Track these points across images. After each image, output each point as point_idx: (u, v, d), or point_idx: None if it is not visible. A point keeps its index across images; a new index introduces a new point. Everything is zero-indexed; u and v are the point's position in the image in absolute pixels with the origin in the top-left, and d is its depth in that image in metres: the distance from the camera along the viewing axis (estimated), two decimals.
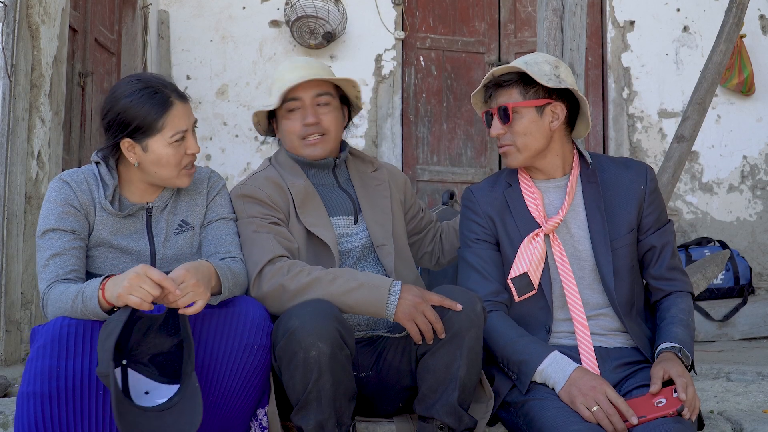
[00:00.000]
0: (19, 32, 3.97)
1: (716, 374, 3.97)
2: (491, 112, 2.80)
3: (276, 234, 2.75)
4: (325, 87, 2.90)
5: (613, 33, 6.80)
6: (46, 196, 2.57)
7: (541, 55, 2.83)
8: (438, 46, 7.01)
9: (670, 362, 2.55)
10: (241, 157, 6.71)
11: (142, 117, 2.53)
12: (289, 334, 2.41)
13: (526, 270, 2.73)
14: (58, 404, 2.27)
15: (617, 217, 2.80)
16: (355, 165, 3.05)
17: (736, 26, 4.32)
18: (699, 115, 4.27)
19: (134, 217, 2.63)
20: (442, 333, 2.51)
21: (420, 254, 3.24)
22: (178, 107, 2.58)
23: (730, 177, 6.71)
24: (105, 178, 2.60)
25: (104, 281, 2.31)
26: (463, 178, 6.89)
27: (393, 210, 3.00)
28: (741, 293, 5.72)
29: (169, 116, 2.55)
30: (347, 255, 2.86)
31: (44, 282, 2.45)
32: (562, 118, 2.78)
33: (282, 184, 2.85)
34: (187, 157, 2.61)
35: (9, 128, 3.89)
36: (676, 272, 2.83)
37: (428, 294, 2.54)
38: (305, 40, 6.60)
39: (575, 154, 2.88)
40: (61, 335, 2.32)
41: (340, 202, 2.92)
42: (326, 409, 2.43)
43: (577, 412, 2.46)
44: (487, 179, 3.00)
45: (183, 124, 2.58)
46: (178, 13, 6.79)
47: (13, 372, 3.75)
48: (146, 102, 2.53)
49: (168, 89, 2.59)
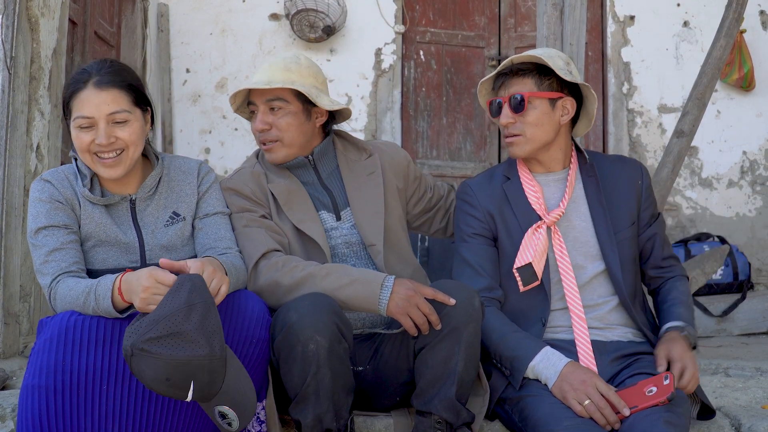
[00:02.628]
0: (19, 24, 3.96)
1: (715, 370, 3.98)
2: (501, 100, 2.80)
3: (267, 228, 2.75)
4: (279, 92, 2.83)
5: (613, 27, 6.80)
6: (31, 197, 2.55)
7: (554, 51, 2.83)
8: (438, 40, 7.00)
9: (672, 342, 2.60)
10: (240, 150, 6.69)
11: (63, 96, 2.54)
12: (287, 327, 2.41)
13: (531, 260, 2.73)
14: (62, 398, 2.27)
15: (619, 210, 2.82)
16: (346, 154, 3.00)
17: (736, 21, 4.31)
18: (699, 110, 4.27)
19: (118, 209, 2.62)
20: (438, 324, 2.50)
21: (432, 230, 3.22)
22: (89, 92, 2.49)
23: (730, 172, 6.71)
24: (83, 169, 2.59)
25: (118, 282, 2.31)
26: (462, 172, 6.89)
27: (387, 201, 2.95)
28: (740, 289, 5.73)
29: (76, 99, 2.50)
30: (333, 250, 2.85)
31: (48, 276, 2.45)
32: (571, 113, 2.80)
33: (263, 183, 2.85)
34: (95, 146, 2.51)
35: (8, 121, 3.88)
36: (671, 260, 2.94)
37: (421, 287, 2.54)
38: (305, 33, 6.59)
39: (573, 149, 2.90)
40: (68, 329, 2.31)
41: (321, 199, 2.90)
42: (324, 402, 2.43)
43: (569, 407, 2.47)
44: (482, 173, 3.00)
45: (88, 110, 2.49)
46: (178, 6, 6.77)
47: (11, 364, 3.75)
48: (71, 81, 2.53)
49: (91, 73, 2.51)
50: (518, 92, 2.75)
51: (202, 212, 2.71)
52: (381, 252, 2.85)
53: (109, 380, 2.30)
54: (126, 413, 2.34)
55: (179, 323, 2.11)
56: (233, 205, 2.79)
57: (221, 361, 2.17)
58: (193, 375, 2.13)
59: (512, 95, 2.75)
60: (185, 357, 2.11)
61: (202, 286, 2.19)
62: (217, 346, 2.15)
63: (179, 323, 2.11)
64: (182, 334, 2.11)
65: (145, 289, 2.21)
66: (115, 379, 2.31)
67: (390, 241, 2.91)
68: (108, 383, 2.31)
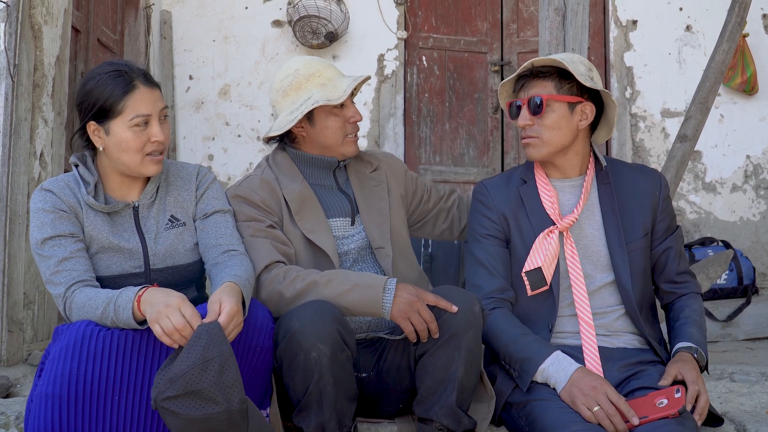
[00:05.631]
0: (22, 32, 3.97)
1: (720, 375, 3.97)
2: (520, 102, 2.80)
3: (273, 239, 2.75)
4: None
5: (615, 32, 6.79)
6: (33, 207, 2.54)
7: (577, 56, 2.83)
8: (440, 46, 7.00)
9: (686, 364, 2.57)
10: (243, 157, 6.71)
11: (104, 98, 2.52)
12: (289, 335, 2.41)
13: (540, 265, 2.73)
14: (75, 407, 2.26)
15: (633, 219, 2.81)
16: (354, 167, 3.04)
17: (738, 25, 4.30)
18: (702, 115, 4.26)
19: (121, 216, 2.62)
20: (437, 333, 2.51)
21: (437, 232, 3.22)
22: (142, 91, 2.55)
23: (734, 176, 6.69)
24: (85, 176, 2.59)
25: (140, 292, 2.32)
26: (465, 177, 6.89)
27: (392, 210, 2.99)
28: (744, 293, 5.71)
29: (130, 98, 2.52)
30: (344, 257, 2.86)
31: (61, 286, 2.44)
32: (590, 118, 2.79)
33: (277, 187, 2.85)
34: (150, 144, 2.56)
35: (11, 128, 3.89)
36: (687, 275, 2.90)
37: (424, 293, 2.54)
38: (307, 40, 6.60)
39: (591, 156, 2.89)
40: (84, 338, 2.31)
41: (338, 204, 2.92)
42: (327, 410, 2.43)
43: (578, 412, 2.45)
44: (500, 175, 3.00)
45: (145, 108, 2.54)
46: (181, 14, 6.79)
47: (15, 372, 3.74)
48: (109, 83, 2.53)
49: (134, 73, 2.56)
50: (537, 95, 2.74)
51: (201, 212, 2.71)
52: (390, 255, 2.87)
53: (121, 391, 2.30)
54: (137, 425, 2.35)
55: (195, 381, 2.12)
56: (241, 213, 2.78)
57: (241, 414, 2.17)
58: (214, 430, 2.15)
59: (531, 97, 2.75)
60: (202, 415, 2.13)
61: (218, 336, 2.18)
62: (235, 400, 2.15)
63: (195, 381, 2.12)
64: (198, 393, 2.12)
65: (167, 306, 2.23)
66: (126, 390, 2.31)
67: (397, 245, 2.94)
68: (120, 394, 2.31)
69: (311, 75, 2.89)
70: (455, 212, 3.22)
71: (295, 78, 2.90)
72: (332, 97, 2.84)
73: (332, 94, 2.85)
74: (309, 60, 2.95)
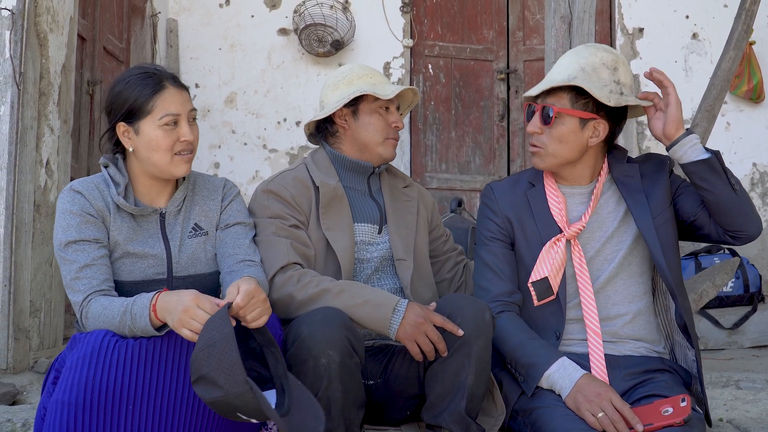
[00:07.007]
0: (27, 40, 3.98)
1: (726, 382, 3.96)
2: (535, 107, 2.76)
3: (294, 239, 2.77)
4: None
5: (621, 40, 6.79)
6: (60, 207, 2.55)
7: (599, 54, 2.73)
8: (446, 54, 7.01)
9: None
10: (249, 165, 6.72)
11: (133, 98, 2.54)
12: (298, 341, 2.41)
13: (547, 275, 2.71)
14: (90, 415, 2.27)
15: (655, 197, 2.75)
16: (387, 178, 3.08)
17: (745, 33, 4.31)
18: (708, 123, 4.26)
19: (148, 222, 2.62)
20: (444, 352, 2.52)
21: (438, 279, 3.18)
22: (170, 91, 2.58)
23: None
24: (115, 177, 2.60)
25: (154, 300, 2.32)
26: (471, 185, 6.89)
27: (418, 226, 3.02)
28: (751, 301, 5.70)
29: (159, 98, 2.55)
30: (366, 264, 2.88)
31: (80, 294, 2.44)
32: (602, 136, 2.74)
33: (309, 185, 2.87)
34: (180, 144, 2.58)
35: (17, 137, 3.90)
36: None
37: (432, 314, 2.55)
38: (313, 48, 6.61)
39: (605, 161, 2.84)
40: (101, 348, 2.31)
41: (368, 210, 2.95)
42: (335, 417, 2.42)
43: (583, 418, 2.45)
44: (509, 177, 2.98)
45: (174, 108, 2.56)
46: (187, 22, 6.81)
47: (21, 380, 3.75)
48: (138, 84, 2.56)
49: (162, 74, 2.60)
50: (551, 105, 2.71)
51: (223, 223, 2.72)
52: (410, 269, 2.89)
53: (135, 400, 2.31)
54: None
55: (201, 367, 2.15)
56: (268, 208, 2.81)
57: (244, 396, 2.15)
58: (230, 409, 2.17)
59: (545, 106, 2.72)
60: (212, 398, 2.15)
61: (222, 318, 2.20)
62: (232, 384, 2.14)
63: (201, 367, 2.15)
64: (205, 378, 2.15)
65: (182, 312, 2.23)
66: (141, 399, 2.32)
67: (417, 262, 2.96)
68: (135, 403, 2.31)
69: (363, 75, 2.98)
70: (461, 271, 3.21)
71: (348, 75, 2.99)
72: (381, 93, 2.91)
73: (381, 91, 2.92)
74: (362, 65, 3.06)
